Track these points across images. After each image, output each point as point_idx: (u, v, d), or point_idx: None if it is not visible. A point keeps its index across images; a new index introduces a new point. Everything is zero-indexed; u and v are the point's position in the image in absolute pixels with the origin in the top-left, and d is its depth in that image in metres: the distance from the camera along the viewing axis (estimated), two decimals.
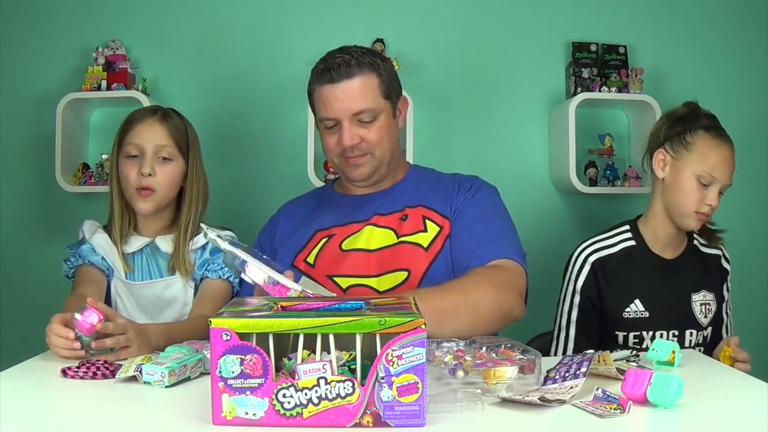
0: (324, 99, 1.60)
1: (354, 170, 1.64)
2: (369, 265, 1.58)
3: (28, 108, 2.53)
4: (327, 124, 1.62)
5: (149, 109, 1.85)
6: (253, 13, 2.55)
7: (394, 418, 0.95)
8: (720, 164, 1.75)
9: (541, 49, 2.56)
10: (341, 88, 1.57)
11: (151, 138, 1.75)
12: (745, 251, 2.51)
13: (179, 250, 1.77)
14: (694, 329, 1.81)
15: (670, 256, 1.85)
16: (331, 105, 1.58)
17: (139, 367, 1.20)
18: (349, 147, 1.59)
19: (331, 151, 1.64)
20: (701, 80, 2.56)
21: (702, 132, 1.77)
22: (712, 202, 1.75)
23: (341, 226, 1.66)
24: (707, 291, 1.85)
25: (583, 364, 1.14)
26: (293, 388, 0.95)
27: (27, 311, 2.51)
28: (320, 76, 1.60)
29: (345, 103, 1.57)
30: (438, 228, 1.62)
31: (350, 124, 1.59)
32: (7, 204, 2.54)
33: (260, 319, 0.98)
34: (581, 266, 1.83)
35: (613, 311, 1.81)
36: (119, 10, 2.53)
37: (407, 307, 1.05)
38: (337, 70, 1.57)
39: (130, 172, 1.74)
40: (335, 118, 1.59)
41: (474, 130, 2.55)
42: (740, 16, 2.59)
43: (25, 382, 1.22)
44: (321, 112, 1.62)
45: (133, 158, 1.75)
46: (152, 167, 1.73)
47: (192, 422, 1.00)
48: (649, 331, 1.79)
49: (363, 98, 1.58)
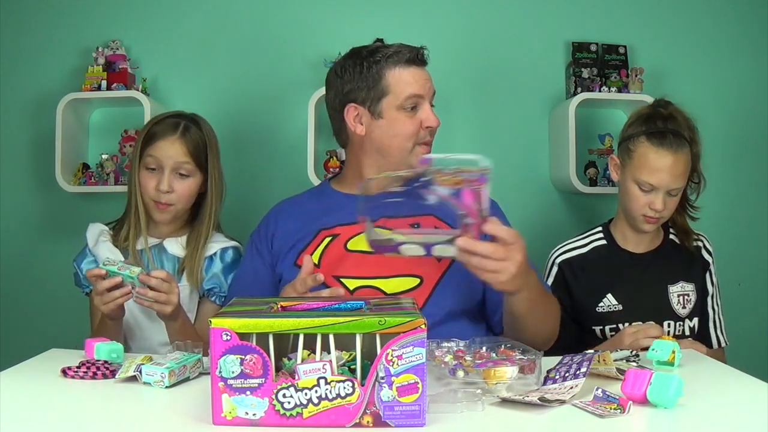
0: (412, 79, 1.62)
1: (419, 156, 1.58)
2: (379, 267, 1.54)
3: (28, 108, 2.53)
4: (408, 104, 1.62)
5: (171, 122, 1.83)
6: (253, 13, 2.55)
7: (394, 418, 0.95)
8: (657, 172, 1.75)
9: (541, 49, 2.56)
10: (425, 71, 1.66)
11: (171, 156, 1.79)
12: (745, 251, 2.51)
13: (195, 259, 1.80)
14: (672, 320, 1.84)
15: (643, 250, 1.89)
16: (421, 85, 1.63)
17: (139, 367, 1.20)
18: (436, 126, 1.64)
19: (412, 136, 1.63)
20: (701, 80, 2.56)
21: (643, 139, 1.79)
22: (655, 207, 1.77)
23: (346, 226, 1.63)
24: (686, 282, 1.87)
25: (583, 364, 1.14)
26: (293, 388, 0.95)
27: (27, 311, 2.52)
28: (409, 58, 1.63)
29: (428, 83, 1.65)
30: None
31: (430, 106, 1.65)
32: (7, 204, 2.54)
33: (260, 319, 0.98)
34: (550, 267, 1.93)
35: (586, 307, 1.86)
36: (119, 10, 2.53)
37: (407, 307, 1.05)
38: (423, 57, 1.65)
39: (149, 184, 1.79)
40: (424, 96, 1.63)
41: (474, 130, 2.54)
42: (740, 16, 2.59)
43: (25, 382, 1.22)
44: (408, 90, 1.62)
45: (152, 171, 1.79)
46: (170, 184, 1.78)
47: (192, 422, 1.00)
48: (625, 323, 1.82)
49: (431, 82, 1.68)
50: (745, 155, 2.57)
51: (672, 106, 1.86)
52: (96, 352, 1.33)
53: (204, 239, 1.83)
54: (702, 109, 2.53)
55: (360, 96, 1.63)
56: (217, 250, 1.85)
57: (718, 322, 1.91)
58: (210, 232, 1.85)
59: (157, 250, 1.83)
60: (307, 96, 2.38)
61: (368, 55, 1.64)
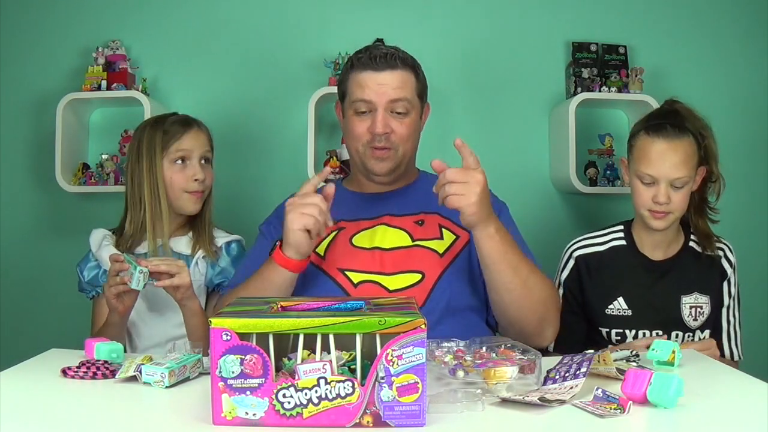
0: (363, 83, 1.60)
1: (378, 163, 1.63)
2: (383, 263, 1.57)
3: (28, 108, 2.53)
4: (359, 108, 1.61)
5: (180, 118, 1.91)
6: (253, 13, 2.55)
7: (394, 418, 0.95)
8: (655, 161, 1.74)
9: (541, 49, 2.56)
10: (384, 76, 1.60)
11: (200, 145, 1.87)
12: (745, 251, 2.50)
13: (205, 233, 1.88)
14: (681, 331, 1.81)
15: (660, 257, 1.85)
16: (370, 89, 1.59)
17: (139, 367, 1.20)
18: (381, 134, 1.59)
19: (358, 139, 1.63)
20: (701, 80, 2.56)
21: (642, 133, 1.80)
22: (658, 200, 1.74)
23: (350, 221, 1.65)
24: (700, 293, 1.83)
25: (583, 364, 1.14)
26: (293, 388, 0.95)
27: (27, 311, 2.52)
28: (363, 62, 1.61)
29: (384, 88, 1.59)
30: (454, 237, 1.62)
31: (384, 113, 1.60)
32: (7, 204, 2.54)
33: (260, 319, 0.98)
34: (567, 260, 1.90)
35: (595, 307, 1.84)
36: (119, 10, 2.53)
37: (408, 306, 1.05)
38: (383, 60, 1.60)
39: (178, 177, 1.85)
40: (371, 101, 1.59)
41: (474, 130, 2.54)
42: (740, 16, 2.59)
43: (25, 382, 1.22)
44: (356, 94, 1.61)
45: (180, 163, 1.85)
46: (203, 172, 1.86)
47: (192, 422, 1.00)
48: (632, 329, 1.81)
49: (402, 89, 1.61)
50: (745, 155, 2.57)
51: (678, 104, 1.85)
52: (96, 352, 1.33)
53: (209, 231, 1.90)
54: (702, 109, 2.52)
55: (339, 94, 1.70)
56: (222, 245, 1.88)
57: (733, 335, 1.86)
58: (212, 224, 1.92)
59: (161, 251, 1.83)
60: (307, 96, 2.38)
61: (350, 56, 1.68)
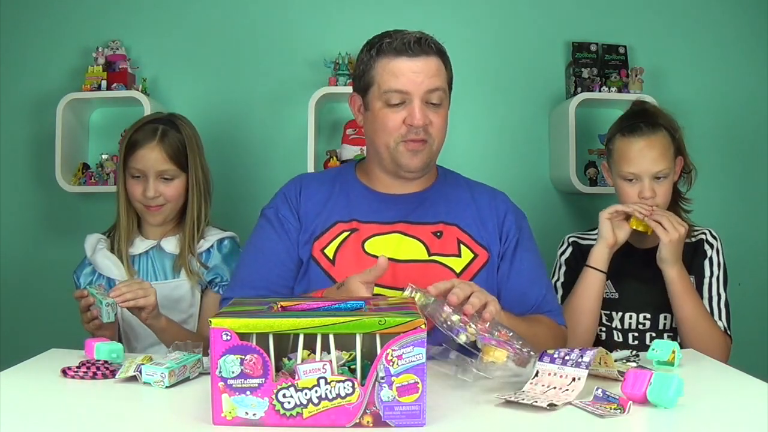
0: (397, 71, 1.46)
1: (412, 157, 1.51)
2: (395, 276, 1.47)
3: (28, 108, 2.53)
4: (392, 99, 1.48)
5: (149, 128, 1.85)
6: (253, 14, 2.55)
7: (394, 418, 0.95)
8: (635, 159, 1.80)
9: (541, 49, 2.56)
10: (419, 63, 1.47)
11: (152, 164, 1.81)
12: (745, 251, 2.51)
13: (185, 254, 1.83)
14: (669, 313, 1.84)
15: (650, 245, 1.88)
16: (407, 78, 1.46)
17: (139, 367, 1.20)
18: (420, 126, 1.47)
19: (391, 132, 1.49)
20: (701, 80, 2.56)
21: (618, 136, 1.86)
22: (644, 195, 1.80)
23: (364, 223, 1.55)
24: None
25: (586, 352, 1.13)
26: (293, 388, 0.95)
27: (27, 311, 2.52)
28: (397, 48, 1.47)
29: (420, 77, 1.46)
30: (472, 255, 1.55)
31: (420, 103, 1.48)
32: (7, 204, 2.54)
33: (260, 319, 0.98)
34: (565, 245, 2.00)
35: None
36: (119, 10, 2.53)
37: (408, 306, 1.05)
38: (417, 45, 1.46)
39: (136, 191, 1.83)
40: (408, 92, 1.47)
41: (474, 130, 2.54)
42: (740, 16, 2.59)
43: (25, 382, 1.22)
44: (389, 84, 1.47)
45: (137, 178, 1.83)
46: (156, 189, 1.81)
47: (192, 422, 1.00)
48: (619, 312, 1.87)
49: (437, 77, 1.49)
50: (745, 154, 2.57)
51: (646, 103, 1.93)
52: (96, 352, 1.33)
53: (191, 235, 1.85)
54: (702, 109, 2.54)
55: (358, 85, 1.56)
56: (214, 242, 1.87)
57: (717, 311, 1.83)
58: (198, 227, 1.86)
59: (155, 251, 1.86)
60: (307, 96, 2.38)
61: (369, 43, 1.54)
